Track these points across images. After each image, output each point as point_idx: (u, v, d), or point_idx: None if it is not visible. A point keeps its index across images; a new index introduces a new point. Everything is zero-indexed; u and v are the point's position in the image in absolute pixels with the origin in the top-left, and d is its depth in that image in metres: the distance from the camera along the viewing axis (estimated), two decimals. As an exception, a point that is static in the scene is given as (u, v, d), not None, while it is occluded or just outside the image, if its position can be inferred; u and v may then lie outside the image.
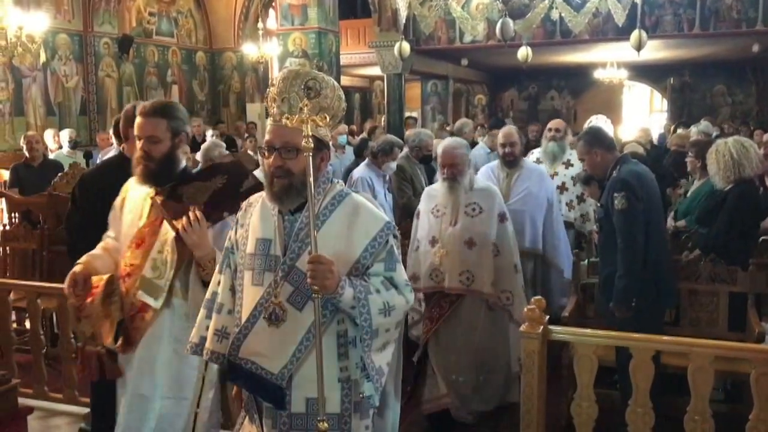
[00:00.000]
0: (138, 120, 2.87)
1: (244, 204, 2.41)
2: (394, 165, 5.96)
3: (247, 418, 2.36)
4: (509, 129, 5.32)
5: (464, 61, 17.63)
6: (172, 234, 2.72)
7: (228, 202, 2.77)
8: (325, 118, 2.14)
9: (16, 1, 8.40)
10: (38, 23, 7.87)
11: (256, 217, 2.30)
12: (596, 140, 4.01)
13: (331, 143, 2.44)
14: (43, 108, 11.15)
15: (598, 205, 4.04)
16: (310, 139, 2.03)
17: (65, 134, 9.01)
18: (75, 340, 4.50)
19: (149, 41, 13.65)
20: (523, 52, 10.83)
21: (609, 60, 17.67)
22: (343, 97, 2.26)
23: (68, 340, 4.45)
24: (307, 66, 11.10)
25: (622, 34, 11.35)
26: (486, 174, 5.24)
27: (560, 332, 3.36)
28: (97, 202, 3.24)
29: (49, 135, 9.02)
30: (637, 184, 3.78)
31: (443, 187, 4.19)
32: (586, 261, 4.95)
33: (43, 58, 10.85)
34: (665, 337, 3.39)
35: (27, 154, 7.55)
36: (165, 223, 2.77)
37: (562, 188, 5.85)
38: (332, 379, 2.20)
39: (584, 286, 4.88)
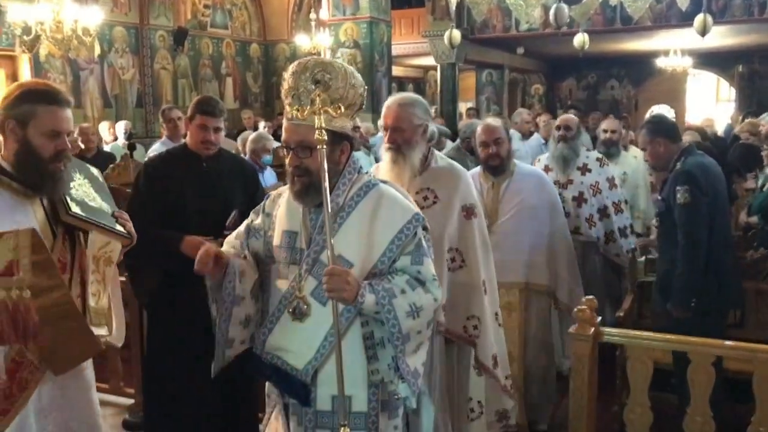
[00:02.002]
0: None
1: (273, 194, 2.36)
2: (441, 154, 5.81)
3: (273, 413, 2.31)
4: (490, 123, 3.92)
5: (520, 50, 17.26)
6: None
7: None
8: (339, 108, 2.04)
9: (74, -5, 8.53)
10: (93, 16, 7.98)
11: (283, 209, 2.26)
12: (660, 129, 3.77)
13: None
14: (100, 100, 11.39)
15: (659, 198, 3.78)
16: (323, 132, 1.97)
17: (121, 126, 9.15)
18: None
19: (204, 33, 13.80)
20: (580, 39, 10.46)
21: (672, 47, 17.02)
22: (359, 83, 2.15)
23: (114, 330, 4.48)
24: (358, 56, 11.04)
25: (687, 19, 10.87)
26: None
27: (613, 334, 3.18)
28: (156, 189, 3.36)
29: (104, 127, 9.18)
30: (702, 177, 3.54)
31: (384, 161, 3.03)
32: (643, 258, 4.72)
33: (97, 50, 11.07)
34: (727, 342, 3.16)
35: (81, 146, 7.68)
36: None
37: (579, 200, 4.71)
38: (360, 378, 2.13)
39: (641, 285, 4.66)
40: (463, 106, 16.08)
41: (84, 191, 2.33)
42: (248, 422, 3.62)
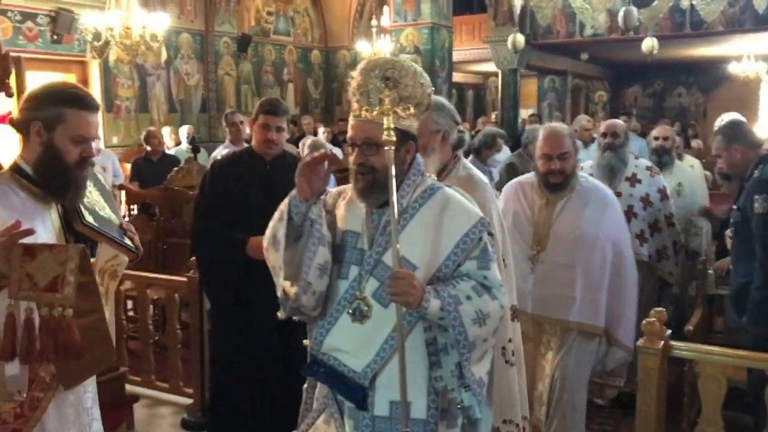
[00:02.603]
0: None
1: (333, 191, 2.31)
2: (500, 157, 5.69)
3: (321, 418, 2.23)
4: (557, 131, 3.36)
5: (584, 56, 16.94)
6: None
7: None
8: (408, 108, 2.03)
9: (142, 2, 8.78)
10: (161, 23, 8.18)
11: (343, 209, 2.22)
12: (737, 135, 3.60)
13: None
14: (165, 105, 11.68)
15: (735, 208, 3.59)
16: (392, 132, 1.94)
17: (184, 131, 9.35)
18: (181, 330, 4.60)
19: (267, 40, 14.00)
20: (648, 44, 10.18)
21: (745, 53, 16.42)
22: (427, 83, 2.12)
23: (175, 330, 4.54)
24: (418, 62, 10.99)
25: (763, 23, 10.46)
26: (510, 194, 3.51)
27: (683, 349, 3.04)
28: (222, 191, 3.46)
29: (165, 132, 9.38)
30: None
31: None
32: (712, 270, 4.51)
33: (164, 56, 11.35)
34: (809, 360, 2.98)
35: (148, 149, 7.87)
36: None
37: (629, 214, 4.20)
38: (420, 384, 2.07)
39: (711, 298, 4.46)
40: (524, 113, 15.87)
41: (94, 199, 2.26)
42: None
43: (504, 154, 6.78)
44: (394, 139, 1.95)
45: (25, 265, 1.79)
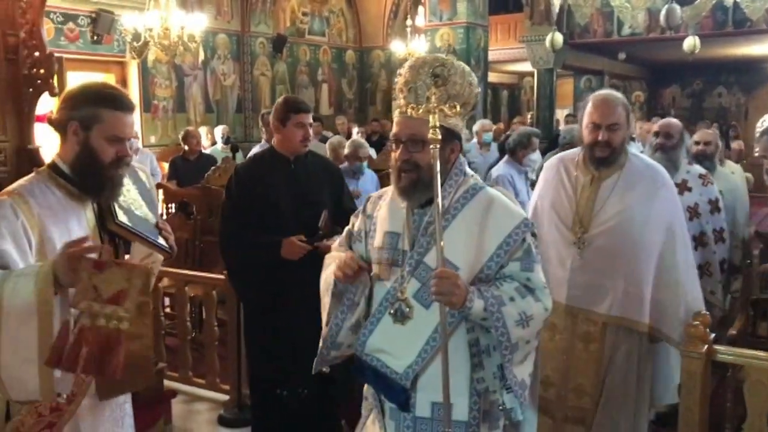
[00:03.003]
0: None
1: (374, 195, 2.32)
2: (535, 156, 5.62)
3: (370, 418, 2.25)
4: (608, 99, 3.00)
5: (622, 55, 16.70)
6: None
7: None
8: (455, 106, 2.03)
9: (180, 2, 8.88)
10: (199, 23, 8.26)
11: (384, 210, 2.22)
12: None
13: (474, 138, 2.27)
14: (202, 105, 11.79)
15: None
16: (438, 130, 1.93)
17: (219, 130, 9.44)
18: (218, 328, 4.64)
19: (302, 41, 14.07)
20: (690, 43, 9.99)
21: (788, 52, 16.05)
22: (475, 82, 2.12)
23: (212, 327, 4.58)
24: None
25: (807, 21, 10.19)
26: (551, 171, 3.24)
27: (728, 353, 2.97)
28: (248, 193, 3.45)
29: (202, 132, 9.47)
30: None
31: None
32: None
33: (202, 56, 11.47)
34: None
35: (186, 148, 7.97)
36: None
37: None
38: (462, 386, 2.06)
39: (755, 302, 4.37)
40: (560, 113, 15.71)
41: (132, 198, 2.27)
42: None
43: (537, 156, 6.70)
44: (439, 137, 1.94)
45: (93, 277, 1.81)
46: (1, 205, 1.98)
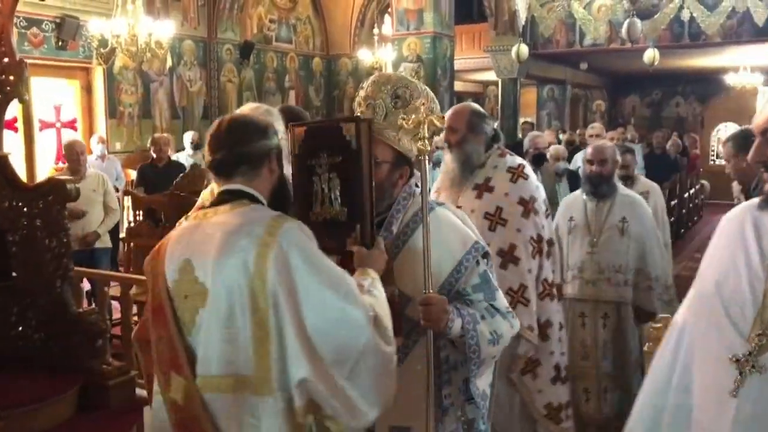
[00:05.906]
0: None
1: None
2: None
3: None
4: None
5: (584, 65, 17.04)
6: None
7: None
8: (443, 117, 1.98)
9: (148, 9, 8.83)
10: (166, 30, 8.23)
11: None
12: (747, 145, 3.62)
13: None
14: (168, 111, 11.71)
15: None
16: (426, 141, 1.91)
17: (188, 136, 9.39)
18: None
19: (269, 47, 14.06)
20: (650, 55, 10.28)
21: (742, 64, 16.55)
22: (437, 109, 2.05)
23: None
24: (421, 71, 11.07)
25: (760, 35, 10.55)
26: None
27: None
28: None
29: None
30: None
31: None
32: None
33: (169, 63, 11.40)
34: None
35: (153, 155, 7.91)
36: None
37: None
38: (422, 406, 2.00)
39: None
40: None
41: None
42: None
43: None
44: (428, 149, 1.92)
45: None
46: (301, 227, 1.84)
